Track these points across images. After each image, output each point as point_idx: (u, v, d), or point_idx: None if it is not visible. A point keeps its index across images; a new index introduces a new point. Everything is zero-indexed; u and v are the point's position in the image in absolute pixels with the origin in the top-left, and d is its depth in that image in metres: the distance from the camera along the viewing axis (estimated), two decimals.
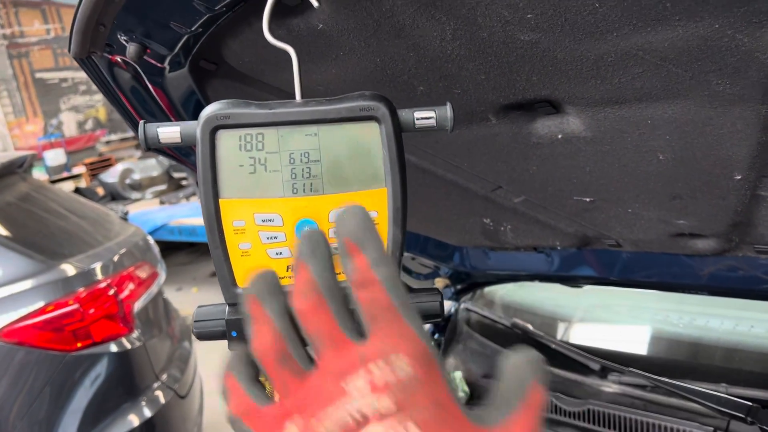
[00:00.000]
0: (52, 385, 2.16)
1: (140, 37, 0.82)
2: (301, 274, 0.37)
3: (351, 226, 0.37)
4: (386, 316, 0.36)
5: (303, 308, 0.37)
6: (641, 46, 0.61)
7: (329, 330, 0.36)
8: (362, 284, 0.36)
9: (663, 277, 1.18)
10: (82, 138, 11.58)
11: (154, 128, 0.57)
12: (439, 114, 0.57)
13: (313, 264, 0.37)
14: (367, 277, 0.36)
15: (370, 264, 0.36)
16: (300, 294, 0.37)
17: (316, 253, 0.37)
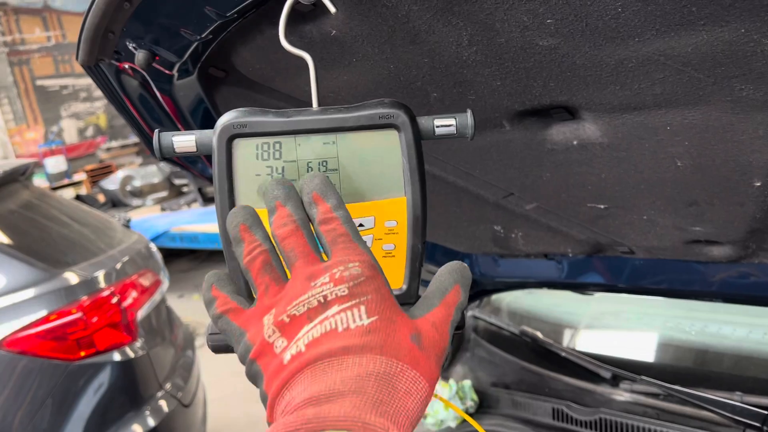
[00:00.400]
0: (54, 394, 2.14)
1: (149, 44, 0.81)
2: (280, 210, 0.48)
3: (315, 183, 0.49)
4: (343, 240, 0.47)
5: (282, 233, 0.47)
6: (663, 51, 0.60)
7: (302, 248, 0.47)
8: (325, 221, 0.48)
9: (675, 284, 1.16)
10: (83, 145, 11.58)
11: (169, 137, 0.55)
12: (459, 121, 0.56)
13: (289, 204, 0.48)
14: (328, 216, 0.48)
15: (330, 208, 0.48)
16: (280, 223, 0.48)
17: (290, 196, 0.49)
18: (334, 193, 0.48)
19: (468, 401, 1.53)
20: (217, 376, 3.57)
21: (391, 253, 0.57)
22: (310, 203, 0.48)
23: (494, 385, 1.57)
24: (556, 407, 1.40)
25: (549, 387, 1.48)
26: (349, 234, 0.47)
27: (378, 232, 0.56)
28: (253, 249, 0.48)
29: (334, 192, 0.48)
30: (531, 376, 1.53)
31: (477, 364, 1.64)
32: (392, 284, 0.58)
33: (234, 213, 0.49)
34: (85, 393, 2.20)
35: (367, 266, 0.46)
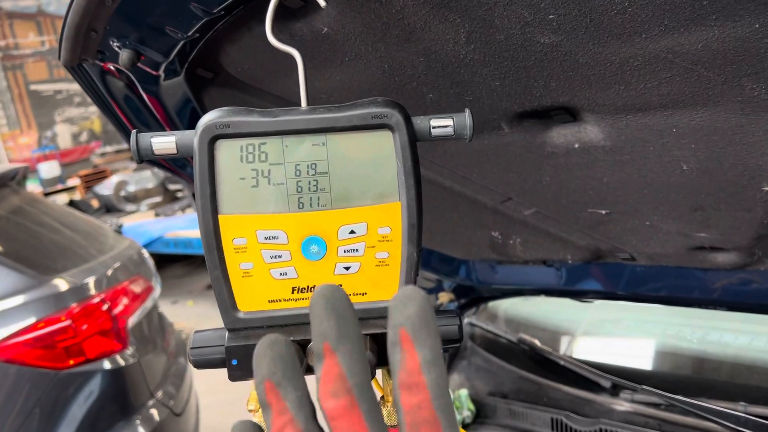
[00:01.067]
0: (43, 404, 2.10)
1: (134, 43, 0.78)
2: (329, 364, 0.32)
3: (410, 313, 0.32)
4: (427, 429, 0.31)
5: (332, 410, 0.32)
6: (671, 48, 0.57)
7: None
8: (409, 387, 0.31)
9: (678, 291, 1.13)
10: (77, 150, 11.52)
11: (147, 138, 0.52)
12: (457, 122, 0.53)
13: (343, 352, 0.32)
14: (416, 380, 0.31)
15: (421, 365, 0.31)
16: (328, 392, 0.32)
17: (345, 335, 0.32)
18: (432, 335, 0.32)
19: (465, 411, 1.49)
20: (210, 383, 3.52)
21: (384, 261, 0.53)
22: (394, 345, 0.32)
23: (491, 395, 1.54)
24: (555, 417, 1.37)
25: (548, 396, 1.45)
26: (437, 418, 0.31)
27: (371, 239, 0.53)
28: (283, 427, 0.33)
29: (433, 334, 0.32)
30: (529, 385, 1.50)
31: (474, 373, 1.61)
32: (386, 295, 0.55)
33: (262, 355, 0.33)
34: (75, 402, 2.16)
35: None
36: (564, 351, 1.63)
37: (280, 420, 0.32)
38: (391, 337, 0.32)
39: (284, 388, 0.32)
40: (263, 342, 0.33)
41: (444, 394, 0.31)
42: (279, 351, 0.33)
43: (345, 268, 0.53)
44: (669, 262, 1.07)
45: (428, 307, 0.32)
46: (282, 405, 0.32)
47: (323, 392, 0.32)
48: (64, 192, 9.73)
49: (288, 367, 0.33)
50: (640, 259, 1.10)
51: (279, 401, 0.32)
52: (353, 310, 0.33)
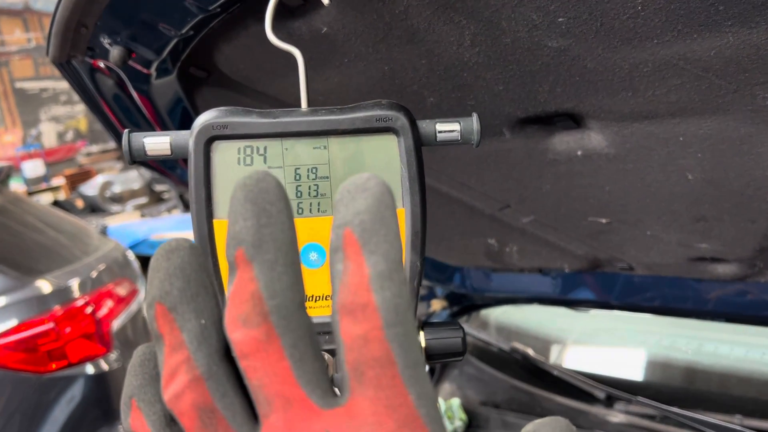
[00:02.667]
0: (23, 408, 2.05)
1: (125, 40, 0.75)
2: (241, 278, 0.22)
3: (360, 208, 0.22)
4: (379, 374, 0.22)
5: (242, 344, 0.22)
6: (683, 54, 0.56)
7: (281, 383, 0.22)
8: (352, 309, 0.22)
9: (676, 302, 1.12)
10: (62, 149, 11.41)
11: (140, 138, 0.49)
12: (464, 126, 0.51)
13: (261, 262, 0.22)
14: (361, 298, 0.21)
15: (371, 279, 0.21)
16: (236, 315, 0.22)
17: (268, 237, 0.22)
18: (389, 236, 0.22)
19: (456, 421, 1.47)
20: None
21: None
22: (336, 251, 0.22)
23: (483, 404, 1.52)
24: None
25: (541, 407, 1.43)
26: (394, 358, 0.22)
27: None
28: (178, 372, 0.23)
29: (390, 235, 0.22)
30: (522, 395, 1.48)
31: (466, 382, 1.59)
32: None
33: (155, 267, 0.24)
34: (56, 407, 2.12)
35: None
36: (557, 361, 1.61)
37: (173, 358, 0.23)
38: (333, 241, 0.22)
39: (181, 313, 0.23)
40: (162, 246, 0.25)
41: (403, 320, 0.22)
42: (178, 261, 0.24)
43: None
44: (668, 273, 1.05)
45: (387, 198, 0.22)
46: (177, 337, 0.23)
47: (229, 318, 0.23)
48: (49, 191, 9.62)
49: (189, 284, 0.24)
50: (638, 269, 1.09)
51: (173, 331, 0.23)
52: (287, 206, 0.23)
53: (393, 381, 0.22)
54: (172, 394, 0.23)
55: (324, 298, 0.51)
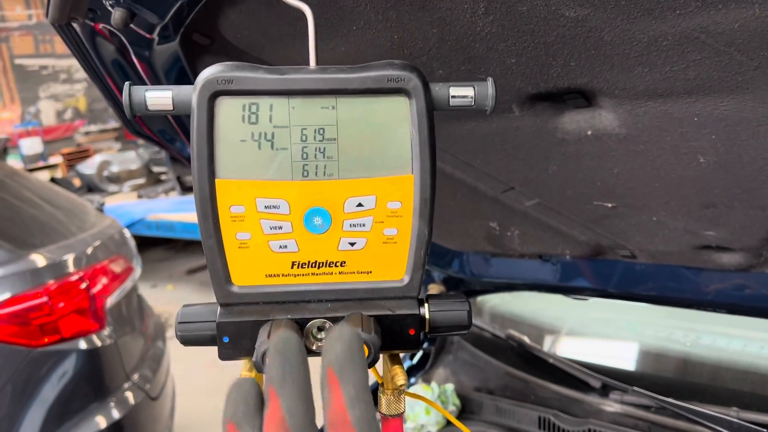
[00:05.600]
0: (15, 381, 2.04)
1: (128, 2, 0.73)
2: (272, 407, 0.33)
3: (336, 353, 0.35)
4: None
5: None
6: (705, 27, 0.54)
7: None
8: (335, 426, 0.33)
9: (677, 292, 1.11)
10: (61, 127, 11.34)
11: (141, 92, 0.48)
12: (478, 91, 0.49)
13: (285, 396, 0.33)
14: (341, 418, 0.33)
15: (345, 402, 0.33)
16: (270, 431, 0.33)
17: (287, 377, 0.34)
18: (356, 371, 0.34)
19: (450, 406, 1.46)
20: (187, 368, 3.47)
21: (392, 238, 0.50)
22: (324, 386, 0.34)
23: (477, 390, 1.51)
24: (542, 416, 1.34)
25: (535, 394, 1.42)
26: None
27: (379, 213, 0.49)
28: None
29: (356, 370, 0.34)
30: (516, 383, 1.47)
31: (460, 368, 1.58)
32: (392, 275, 0.51)
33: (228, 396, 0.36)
34: (48, 381, 2.10)
35: None
36: (553, 349, 1.60)
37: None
38: (321, 377, 0.34)
39: (242, 429, 0.34)
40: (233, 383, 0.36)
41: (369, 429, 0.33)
42: (243, 393, 0.36)
43: (350, 243, 0.49)
44: (671, 261, 1.04)
45: (355, 343, 0.35)
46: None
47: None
48: (46, 169, 9.58)
49: (249, 408, 0.35)
50: (640, 257, 1.07)
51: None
52: (303, 357, 0.35)
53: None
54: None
55: (327, 264, 0.50)
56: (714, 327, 1.43)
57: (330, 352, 0.35)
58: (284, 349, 0.35)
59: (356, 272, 0.50)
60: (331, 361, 0.34)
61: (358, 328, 0.36)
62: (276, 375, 0.34)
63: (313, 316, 0.49)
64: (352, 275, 0.50)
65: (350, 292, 0.50)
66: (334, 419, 0.33)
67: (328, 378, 0.34)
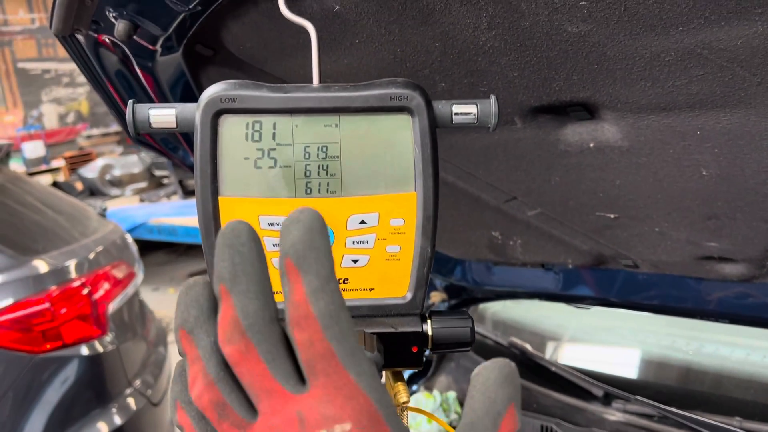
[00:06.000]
0: (17, 387, 2.04)
1: (131, 14, 0.73)
2: (224, 307, 0.30)
3: (294, 238, 0.29)
4: (325, 366, 0.29)
5: (231, 357, 0.30)
6: (708, 43, 0.54)
7: (261, 380, 0.30)
8: (297, 321, 0.29)
9: (679, 302, 1.11)
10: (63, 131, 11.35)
11: (145, 110, 0.48)
12: (481, 109, 0.49)
13: (236, 293, 0.30)
14: (302, 311, 0.29)
15: (307, 294, 0.29)
16: (223, 336, 0.30)
17: (241, 273, 0.30)
18: (319, 258, 0.29)
19: (452, 414, 1.46)
20: None
21: (395, 256, 0.50)
22: (283, 277, 0.30)
23: None
24: (544, 425, 1.34)
25: (537, 403, 1.42)
26: (334, 352, 0.29)
27: (382, 231, 0.49)
28: (198, 379, 0.32)
29: (319, 257, 0.29)
30: None
31: (462, 375, 1.58)
32: (395, 292, 0.51)
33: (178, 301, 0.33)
34: (49, 387, 2.10)
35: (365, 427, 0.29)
36: (555, 357, 1.60)
37: (193, 368, 0.32)
38: (280, 269, 0.30)
39: (196, 335, 0.32)
40: (183, 284, 0.33)
41: (337, 321, 0.29)
42: (194, 295, 0.32)
43: (353, 260, 0.49)
44: (673, 271, 1.04)
45: (317, 225, 0.29)
46: (195, 353, 0.32)
47: (220, 339, 0.30)
48: (48, 173, 9.58)
49: (202, 312, 0.32)
50: (643, 267, 1.07)
51: (192, 349, 0.32)
52: (255, 245, 0.30)
53: (336, 369, 0.29)
54: (195, 396, 0.32)
55: None
56: (717, 336, 1.42)
57: (286, 239, 0.29)
58: (233, 240, 0.30)
59: (359, 289, 0.50)
60: (287, 249, 0.29)
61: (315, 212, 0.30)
62: (225, 270, 0.30)
63: None
64: (354, 292, 0.50)
65: (353, 310, 0.50)
66: (294, 314, 0.29)
67: (287, 269, 0.29)
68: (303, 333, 0.29)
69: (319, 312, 0.28)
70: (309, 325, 0.29)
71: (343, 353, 0.29)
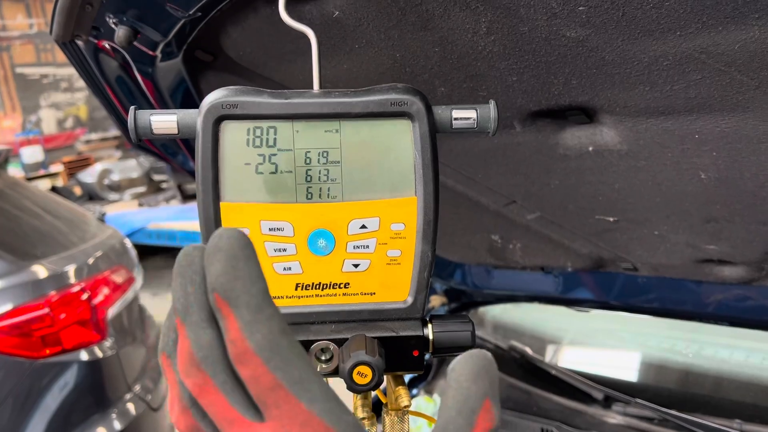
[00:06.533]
0: (16, 393, 2.04)
1: (131, 20, 0.74)
2: (180, 340, 0.30)
3: (217, 271, 0.28)
4: (275, 399, 0.28)
5: (192, 389, 0.30)
6: (705, 48, 0.54)
7: (223, 411, 0.30)
8: (239, 359, 0.28)
9: (678, 304, 1.11)
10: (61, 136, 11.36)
11: (146, 116, 0.48)
12: (480, 114, 0.49)
13: (189, 325, 0.29)
14: (240, 348, 0.28)
15: (241, 330, 0.28)
16: (182, 370, 0.30)
17: (192, 302, 0.29)
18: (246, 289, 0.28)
19: None
20: None
21: (396, 260, 0.50)
22: (215, 309, 0.29)
23: None
24: (545, 428, 1.34)
25: (537, 406, 1.42)
26: (281, 384, 0.28)
27: (383, 235, 0.49)
28: (173, 404, 0.33)
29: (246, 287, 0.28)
30: (519, 394, 1.47)
31: None
32: (396, 296, 0.51)
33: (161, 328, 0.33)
34: (49, 393, 2.10)
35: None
36: (555, 360, 1.60)
37: (171, 393, 0.33)
38: (211, 304, 0.29)
39: (173, 360, 0.32)
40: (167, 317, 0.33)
41: (277, 351, 0.28)
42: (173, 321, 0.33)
43: (354, 265, 0.50)
44: (673, 274, 1.04)
45: (239, 250, 0.28)
46: (172, 377, 0.32)
47: (180, 373, 0.31)
48: (47, 178, 9.59)
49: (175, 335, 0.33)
50: (642, 270, 1.07)
51: (170, 374, 0.33)
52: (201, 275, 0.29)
53: (286, 399, 0.28)
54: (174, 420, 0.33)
55: (331, 286, 0.50)
56: (716, 338, 1.43)
57: (210, 273, 0.28)
58: (185, 269, 0.29)
59: (360, 294, 0.50)
60: (213, 284, 0.28)
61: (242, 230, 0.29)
62: (179, 301, 0.29)
63: (316, 338, 0.49)
64: (355, 297, 0.51)
65: (354, 314, 0.51)
66: (234, 351, 0.28)
67: (217, 304, 0.28)
68: (246, 369, 0.28)
69: (256, 346, 0.28)
70: (250, 360, 0.28)
71: (290, 382, 0.28)
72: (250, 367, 0.28)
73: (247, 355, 0.28)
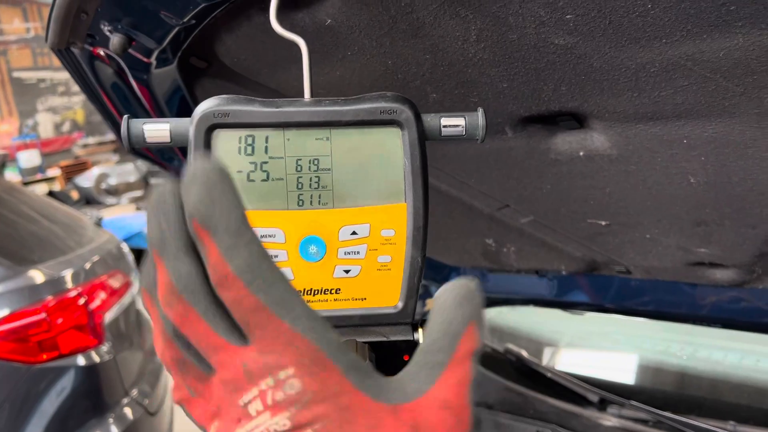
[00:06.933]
0: (13, 398, 2.04)
1: (126, 28, 0.74)
2: (160, 272, 0.30)
3: (194, 198, 0.28)
4: (258, 319, 0.29)
5: (174, 320, 0.31)
6: (691, 55, 0.55)
7: (207, 338, 0.30)
8: (220, 282, 0.29)
9: (671, 307, 1.12)
10: (59, 140, 11.36)
11: (139, 125, 0.49)
12: (469, 121, 0.50)
13: (166, 258, 0.29)
14: (221, 272, 0.28)
15: (222, 254, 0.28)
16: (163, 302, 0.31)
17: (167, 236, 0.29)
18: (224, 213, 0.28)
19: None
20: None
21: (386, 265, 0.51)
22: (195, 237, 0.29)
23: (476, 405, 1.51)
24: (540, 430, 1.34)
25: (534, 409, 1.43)
26: (263, 305, 0.29)
27: (373, 241, 0.50)
28: (157, 337, 0.33)
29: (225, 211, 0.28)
30: (515, 397, 1.47)
31: None
32: (386, 301, 0.52)
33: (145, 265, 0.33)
34: (46, 398, 2.10)
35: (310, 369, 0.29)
36: (551, 363, 1.61)
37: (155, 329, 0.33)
38: (191, 232, 0.29)
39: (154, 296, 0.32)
40: None
41: (258, 273, 0.28)
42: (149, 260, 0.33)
43: (345, 271, 0.50)
44: (665, 277, 1.05)
45: (216, 178, 0.28)
46: (155, 313, 0.33)
47: (162, 305, 0.31)
48: (44, 182, 9.58)
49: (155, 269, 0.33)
50: (635, 273, 1.08)
51: (153, 309, 0.33)
52: (179, 209, 0.29)
53: (269, 319, 0.29)
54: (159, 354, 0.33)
55: (322, 292, 0.51)
56: (710, 340, 1.43)
57: (188, 201, 0.28)
58: (159, 205, 0.29)
59: (351, 299, 0.51)
60: (191, 211, 0.28)
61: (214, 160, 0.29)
62: (154, 236, 0.29)
63: None
64: (346, 302, 0.51)
65: (345, 319, 0.51)
66: (215, 276, 0.29)
67: (196, 231, 0.28)
68: (228, 293, 0.29)
69: (237, 269, 0.28)
70: (231, 283, 0.28)
71: (272, 303, 0.29)
72: (232, 290, 0.28)
73: (228, 278, 0.28)
